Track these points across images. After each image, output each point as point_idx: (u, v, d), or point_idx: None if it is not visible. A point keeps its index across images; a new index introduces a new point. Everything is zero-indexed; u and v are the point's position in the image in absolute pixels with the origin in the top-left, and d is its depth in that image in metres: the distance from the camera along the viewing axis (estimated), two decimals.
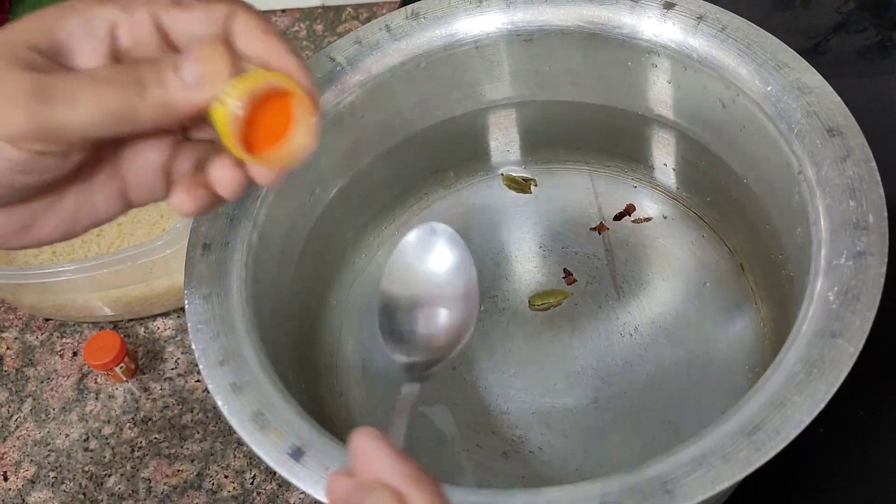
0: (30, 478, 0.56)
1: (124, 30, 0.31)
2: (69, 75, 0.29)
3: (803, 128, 0.43)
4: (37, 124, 0.28)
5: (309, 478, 0.37)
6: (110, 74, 0.29)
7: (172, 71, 0.30)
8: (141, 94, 0.29)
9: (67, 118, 0.28)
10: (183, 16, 0.31)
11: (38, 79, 0.28)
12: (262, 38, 0.32)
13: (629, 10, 0.48)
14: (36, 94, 0.28)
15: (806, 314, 0.38)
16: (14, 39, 0.29)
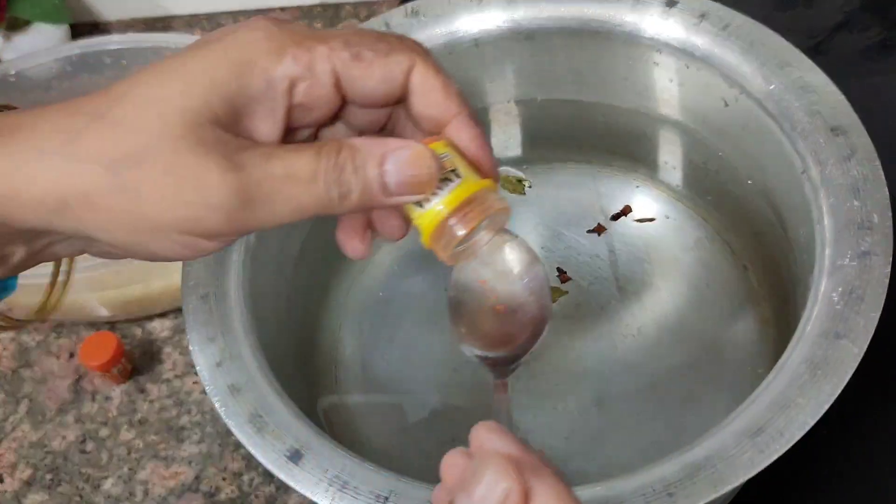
0: (26, 480, 0.56)
1: (302, 87, 0.29)
2: (267, 175, 0.27)
3: (806, 127, 0.42)
4: (235, 227, 0.28)
5: (307, 480, 0.36)
6: (309, 172, 0.28)
7: (378, 176, 0.28)
8: (340, 196, 0.28)
9: (265, 219, 0.28)
10: (363, 74, 0.29)
11: (239, 182, 0.27)
12: (444, 101, 0.30)
13: (631, 7, 0.48)
14: (239, 201, 0.27)
15: (810, 315, 0.37)
16: (195, 111, 0.27)
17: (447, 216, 0.30)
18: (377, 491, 0.36)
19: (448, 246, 0.31)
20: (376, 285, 0.55)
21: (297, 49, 0.28)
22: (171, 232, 0.28)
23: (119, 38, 0.66)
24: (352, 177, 0.28)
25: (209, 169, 0.27)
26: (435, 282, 0.55)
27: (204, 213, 0.27)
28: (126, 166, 0.27)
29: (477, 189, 0.30)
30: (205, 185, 0.27)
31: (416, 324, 0.54)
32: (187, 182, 0.27)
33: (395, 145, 0.29)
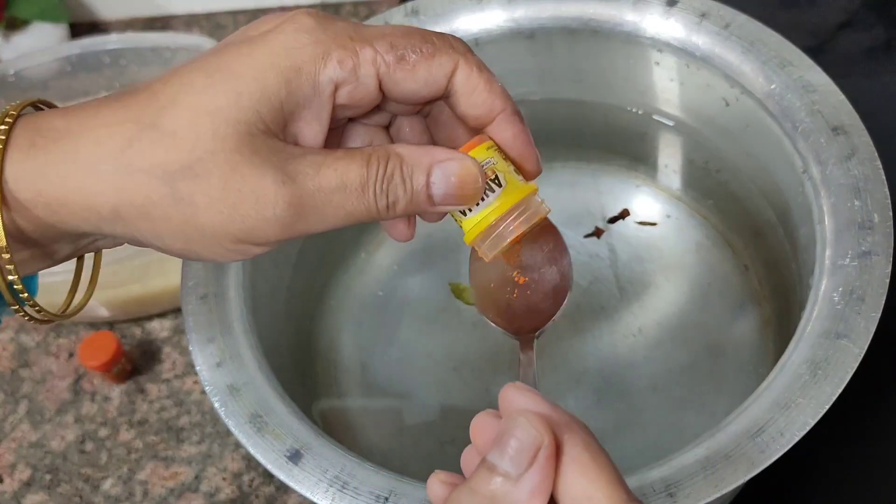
0: (25, 480, 0.55)
1: (346, 90, 0.29)
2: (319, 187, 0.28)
3: (807, 126, 0.42)
4: (287, 236, 0.29)
5: (307, 480, 0.36)
6: (358, 182, 0.29)
7: (425, 185, 0.29)
8: (387, 206, 0.29)
9: (314, 227, 0.29)
10: (406, 77, 0.29)
11: (293, 196, 0.28)
12: (487, 99, 0.31)
13: (632, 7, 0.48)
14: (293, 213, 0.28)
15: (811, 315, 0.37)
16: (249, 121, 0.28)
17: (494, 222, 0.31)
18: (377, 491, 0.36)
19: (493, 248, 0.32)
20: (376, 285, 0.55)
21: (342, 52, 0.29)
22: (226, 241, 0.28)
23: (118, 37, 0.66)
24: (399, 187, 0.29)
25: (264, 184, 0.27)
26: (435, 282, 0.55)
27: (260, 224, 0.28)
28: (181, 178, 0.27)
29: (522, 196, 0.31)
30: (261, 199, 0.27)
31: (416, 324, 0.54)
32: (244, 196, 0.27)
33: (443, 156, 0.30)
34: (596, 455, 0.25)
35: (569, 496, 0.25)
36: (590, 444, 0.25)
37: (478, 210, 0.31)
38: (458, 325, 0.53)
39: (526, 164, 0.32)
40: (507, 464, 0.25)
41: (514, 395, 0.27)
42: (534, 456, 0.24)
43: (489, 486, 0.25)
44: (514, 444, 0.25)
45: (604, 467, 0.25)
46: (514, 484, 0.24)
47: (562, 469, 0.25)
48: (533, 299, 0.39)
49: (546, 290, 0.38)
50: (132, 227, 0.28)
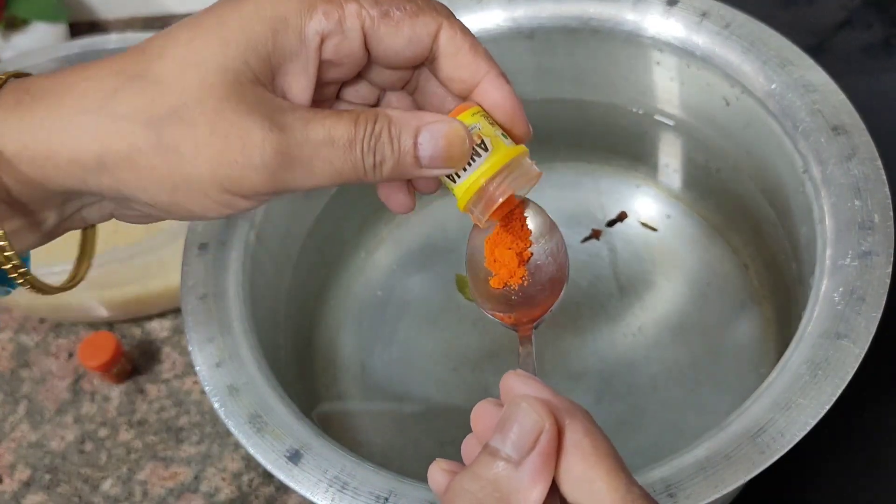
0: (25, 480, 0.55)
1: (332, 43, 0.29)
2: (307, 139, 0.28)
3: (808, 126, 0.42)
4: (275, 187, 0.28)
5: (307, 481, 0.36)
6: (347, 138, 0.28)
7: (413, 148, 0.29)
8: (374, 165, 0.29)
9: (303, 181, 0.28)
10: (390, 32, 0.29)
11: (280, 144, 0.27)
12: (472, 61, 0.31)
13: (632, 6, 0.48)
14: (281, 161, 0.28)
15: (811, 315, 0.37)
16: (236, 70, 0.28)
17: (485, 184, 0.31)
18: (377, 491, 0.36)
19: (486, 211, 0.32)
20: (375, 285, 0.55)
21: (328, 5, 0.29)
22: (213, 191, 0.28)
23: (117, 36, 0.66)
24: (387, 146, 0.29)
25: (252, 129, 0.27)
26: (434, 281, 0.55)
27: (247, 172, 0.27)
28: (167, 124, 0.27)
29: (512, 157, 0.31)
30: (249, 144, 0.27)
31: (415, 323, 0.54)
32: (231, 142, 0.27)
33: (430, 119, 0.29)
34: (597, 441, 0.25)
35: (570, 481, 0.25)
36: (591, 431, 0.26)
37: (467, 175, 0.31)
38: (458, 324, 0.53)
39: (515, 127, 0.32)
40: (510, 448, 0.25)
41: (516, 382, 0.27)
42: (535, 440, 0.25)
43: (491, 471, 0.25)
44: (516, 428, 0.25)
45: (605, 453, 0.25)
46: (515, 468, 0.24)
47: (563, 454, 0.25)
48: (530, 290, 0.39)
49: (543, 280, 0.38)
50: (117, 178, 0.28)
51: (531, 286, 0.38)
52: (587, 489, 0.25)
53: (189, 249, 0.43)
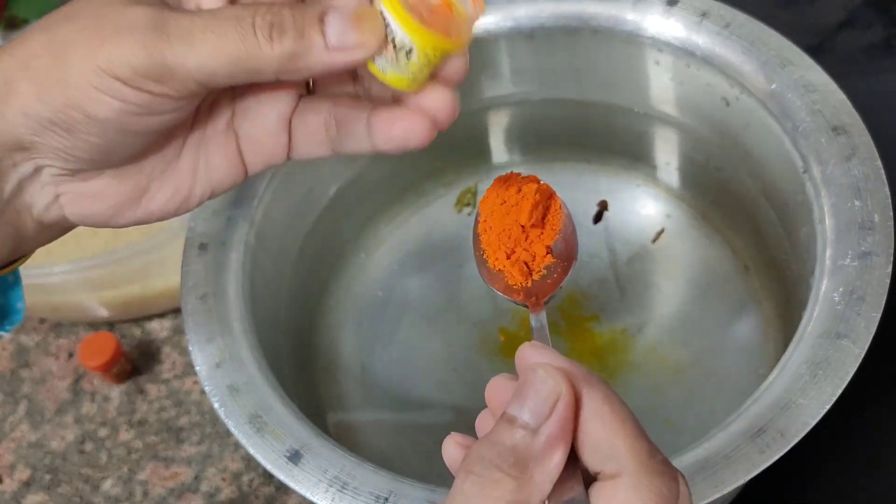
0: (25, 480, 0.55)
1: None
2: (190, 13, 0.27)
3: (808, 126, 0.42)
4: (153, 60, 0.26)
5: (307, 481, 0.36)
6: (236, 13, 0.26)
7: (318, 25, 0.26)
8: (270, 40, 0.26)
9: (186, 58, 0.26)
10: None
11: (157, 13, 0.26)
12: None
13: (632, 6, 0.48)
14: (154, 29, 0.26)
15: (811, 315, 0.37)
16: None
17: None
18: (377, 491, 0.36)
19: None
20: (375, 285, 0.55)
21: None
22: (92, 74, 0.26)
23: None
24: (286, 19, 0.26)
25: (131, 6, 0.27)
26: (434, 282, 0.55)
27: (119, 42, 0.26)
28: (59, 25, 0.27)
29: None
30: (122, 16, 0.26)
31: (416, 323, 0.54)
32: (107, 19, 0.27)
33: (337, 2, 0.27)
34: (616, 407, 0.25)
35: (589, 447, 0.25)
36: (609, 397, 0.25)
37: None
38: (458, 325, 0.53)
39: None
40: (527, 415, 0.24)
41: (531, 352, 0.27)
42: (553, 406, 0.24)
43: (509, 438, 0.24)
44: (533, 395, 0.25)
45: (625, 419, 0.25)
46: (533, 435, 0.24)
47: (582, 421, 0.25)
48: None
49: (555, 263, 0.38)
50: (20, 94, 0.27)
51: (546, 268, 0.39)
52: (609, 455, 0.24)
53: (189, 249, 0.43)
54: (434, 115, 0.29)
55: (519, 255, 0.39)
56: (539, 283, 0.38)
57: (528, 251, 0.39)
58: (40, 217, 0.30)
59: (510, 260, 0.39)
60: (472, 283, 0.55)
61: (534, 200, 0.39)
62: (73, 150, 0.28)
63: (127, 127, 0.28)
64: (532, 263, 0.39)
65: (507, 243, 0.39)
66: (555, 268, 0.38)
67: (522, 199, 0.39)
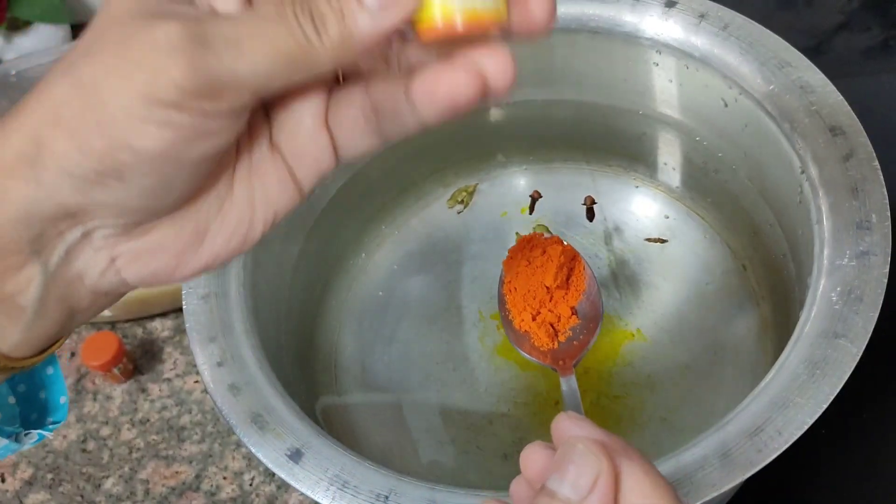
0: (27, 479, 0.56)
1: None
2: (224, 18, 0.24)
3: (806, 127, 0.42)
4: (202, 76, 0.23)
5: (308, 479, 0.36)
6: (275, 10, 0.24)
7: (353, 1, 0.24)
8: (316, 29, 0.24)
9: (238, 67, 0.24)
10: None
11: (192, 25, 0.23)
12: None
13: (630, 8, 0.48)
14: (196, 42, 0.23)
15: (809, 315, 0.37)
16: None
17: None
18: (377, 490, 0.36)
19: None
20: (376, 286, 0.55)
21: None
22: (136, 105, 0.23)
23: None
24: (322, 4, 0.24)
25: (155, 24, 0.24)
26: (434, 282, 0.55)
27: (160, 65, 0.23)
28: (80, 64, 0.24)
29: None
30: (153, 35, 0.23)
31: (416, 324, 0.54)
32: (133, 42, 0.24)
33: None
34: (656, 480, 0.25)
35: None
36: (649, 472, 0.25)
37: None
38: (458, 325, 0.54)
39: None
40: (568, 489, 0.25)
41: (569, 424, 0.27)
42: (594, 482, 0.25)
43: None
44: (574, 469, 0.25)
45: (665, 493, 0.25)
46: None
47: (622, 496, 0.25)
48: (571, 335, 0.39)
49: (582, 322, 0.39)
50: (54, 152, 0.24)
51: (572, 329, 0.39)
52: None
53: None
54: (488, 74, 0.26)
55: (545, 317, 0.39)
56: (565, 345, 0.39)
57: (553, 312, 0.39)
58: (95, 286, 0.27)
59: (536, 321, 0.39)
60: (472, 283, 0.55)
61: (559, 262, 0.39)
62: (127, 201, 0.25)
63: (181, 156, 0.25)
64: (557, 325, 0.39)
65: (533, 304, 0.39)
66: (580, 329, 0.38)
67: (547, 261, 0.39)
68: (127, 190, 0.25)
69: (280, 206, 0.29)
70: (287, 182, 0.28)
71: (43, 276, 0.25)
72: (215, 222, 0.27)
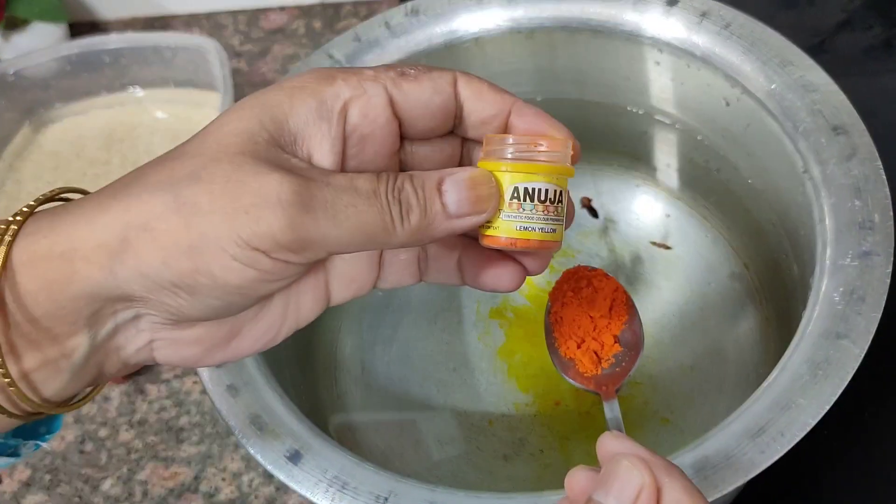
0: (25, 480, 0.55)
1: (356, 106, 0.29)
2: (328, 184, 0.27)
3: (808, 126, 0.42)
4: (297, 235, 0.26)
5: (307, 481, 0.36)
6: (370, 187, 0.27)
7: (436, 191, 0.28)
8: (401, 215, 0.28)
9: (328, 234, 0.27)
10: (412, 87, 0.29)
11: (300, 186, 0.26)
12: (497, 95, 0.30)
13: (632, 6, 0.48)
14: (299, 205, 0.26)
15: (811, 315, 0.37)
16: (250, 132, 0.27)
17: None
18: (376, 491, 0.36)
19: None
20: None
21: (346, 73, 0.29)
22: (230, 244, 0.26)
23: (118, 37, 0.66)
24: (411, 196, 0.28)
25: (270, 173, 0.26)
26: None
27: (264, 215, 0.26)
28: (185, 186, 0.26)
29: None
30: (265, 187, 0.26)
31: (416, 324, 0.54)
32: (246, 188, 0.26)
33: (452, 168, 0.29)
34: (696, 497, 0.26)
35: None
36: (689, 489, 0.26)
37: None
38: (458, 325, 0.53)
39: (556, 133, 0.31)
40: (613, 501, 0.26)
41: (613, 442, 0.28)
42: (637, 495, 0.26)
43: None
44: (618, 484, 0.26)
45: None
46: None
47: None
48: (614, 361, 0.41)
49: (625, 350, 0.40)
50: (138, 254, 0.26)
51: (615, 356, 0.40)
52: None
53: None
54: (528, 269, 0.32)
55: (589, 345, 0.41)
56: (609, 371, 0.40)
57: (597, 340, 0.41)
58: (127, 359, 0.29)
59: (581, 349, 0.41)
60: None
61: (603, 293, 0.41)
62: (188, 310, 0.28)
63: (253, 292, 0.28)
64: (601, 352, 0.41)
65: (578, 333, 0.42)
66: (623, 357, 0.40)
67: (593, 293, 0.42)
68: (192, 303, 0.27)
69: (307, 317, 0.32)
70: (321, 299, 0.32)
71: (89, 346, 0.28)
72: (248, 326, 0.30)
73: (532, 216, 0.29)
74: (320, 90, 0.28)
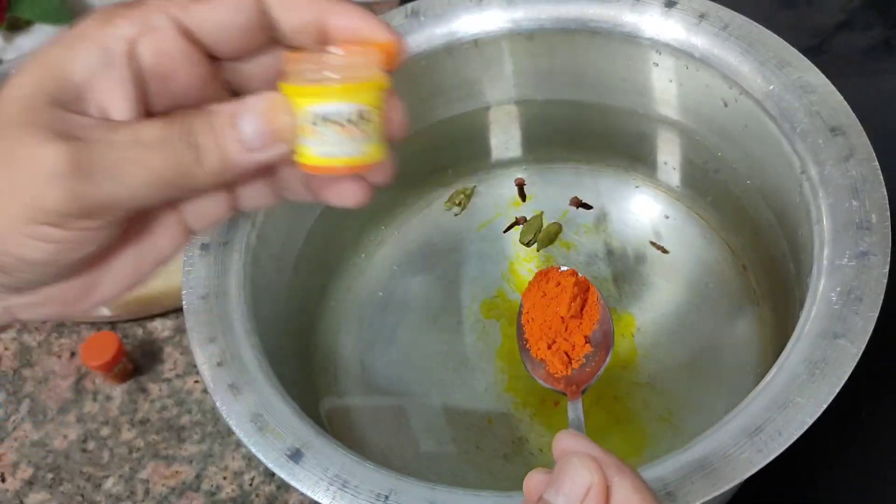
0: (27, 479, 0.56)
1: (145, 46, 0.26)
2: (110, 143, 0.25)
3: (806, 127, 0.42)
4: (81, 203, 0.25)
5: (308, 479, 0.36)
6: (157, 136, 0.26)
7: (230, 127, 0.26)
8: (197, 159, 0.26)
9: (114, 192, 0.25)
10: (204, 10, 0.27)
11: (74, 152, 0.25)
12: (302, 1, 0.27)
13: (630, 7, 0.48)
14: (76, 173, 0.25)
15: (808, 315, 0.37)
16: (29, 96, 0.25)
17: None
18: (377, 490, 0.36)
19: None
20: (376, 285, 0.55)
21: (127, 10, 0.27)
22: (19, 224, 0.25)
23: None
24: (206, 137, 0.26)
25: (40, 144, 0.25)
26: (434, 282, 0.55)
27: (41, 189, 0.25)
28: None
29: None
30: (38, 158, 0.25)
31: (416, 324, 0.54)
32: (21, 162, 0.25)
33: (247, 98, 0.27)
34: (646, 496, 0.27)
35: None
36: (640, 488, 0.27)
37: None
38: (458, 325, 0.54)
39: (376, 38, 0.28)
40: (562, 500, 0.27)
41: (568, 439, 0.29)
42: (585, 493, 0.26)
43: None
44: (568, 481, 0.27)
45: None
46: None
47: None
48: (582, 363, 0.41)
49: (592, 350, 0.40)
50: None
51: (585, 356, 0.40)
52: None
53: (191, 249, 0.44)
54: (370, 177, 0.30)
55: (559, 346, 0.41)
56: (578, 371, 0.40)
57: (567, 341, 0.41)
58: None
59: (551, 350, 0.41)
60: (471, 284, 0.55)
61: (572, 293, 0.41)
62: (9, 283, 0.28)
63: (61, 261, 0.27)
64: (572, 353, 0.41)
65: (549, 334, 0.42)
66: (592, 357, 0.40)
67: (562, 293, 0.42)
68: (11, 280, 0.27)
69: (167, 252, 0.31)
70: (179, 233, 0.31)
71: None
72: (102, 276, 0.30)
73: (332, 140, 0.27)
74: (101, 35, 0.26)
